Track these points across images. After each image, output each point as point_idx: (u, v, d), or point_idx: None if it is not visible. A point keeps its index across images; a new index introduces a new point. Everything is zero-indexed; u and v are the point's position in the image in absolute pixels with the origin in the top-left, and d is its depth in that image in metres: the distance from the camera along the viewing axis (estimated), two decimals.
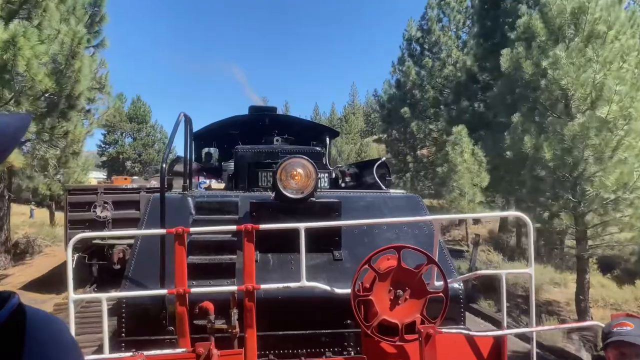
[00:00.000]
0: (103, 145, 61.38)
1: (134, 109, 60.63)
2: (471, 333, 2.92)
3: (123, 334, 3.22)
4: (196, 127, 5.86)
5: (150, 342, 3.14)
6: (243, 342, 2.97)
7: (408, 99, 26.23)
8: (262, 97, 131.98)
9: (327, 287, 2.98)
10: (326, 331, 3.43)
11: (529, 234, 2.83)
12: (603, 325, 2.64)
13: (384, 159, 5.81)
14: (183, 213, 3.83)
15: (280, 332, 3.29)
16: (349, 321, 3.41)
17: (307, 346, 3.40)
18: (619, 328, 2.07)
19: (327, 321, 3.42)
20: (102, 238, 9.36)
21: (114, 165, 53.67)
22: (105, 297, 2.77)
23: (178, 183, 4.99)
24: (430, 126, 25.18)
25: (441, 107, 23.89)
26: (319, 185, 4.63)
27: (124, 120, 59.00)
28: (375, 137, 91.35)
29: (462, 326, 3.47)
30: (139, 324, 3.26)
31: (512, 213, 3.28)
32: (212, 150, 8.07)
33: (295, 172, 3.71)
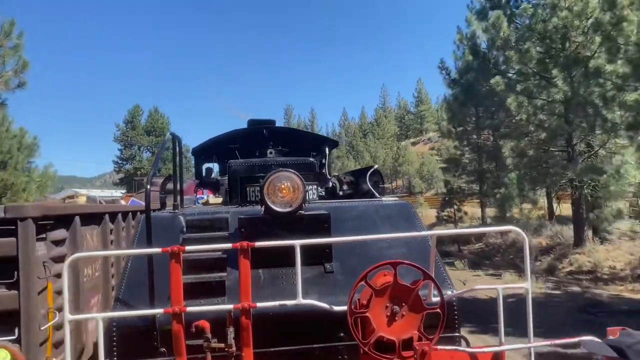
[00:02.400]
0: (120, 162, 58.99)
1: (151, 122, 58.61)
2: (467, 350, 2.90)
3: (115, 358, 3.21)
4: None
5: None
6: None
7: (495, 67, 17.46)
8: (286, 106, 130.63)
9: (325, 305, 2.97)
10: (319, 345, 3.41)
11: (525, 248, 2.82)
12: (599, 340, 2.63)
13: (376, 166, 5.86)
14: (174, 231, 3.84)
15: (273, 349, 3.27)
16: (342, 334, 3.40)
17: None
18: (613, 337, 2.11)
19: (320, 335, 3.41)
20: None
21: (131, 182, 51.80)
22: (101, 317, 2.76)
23: (171, 201, 5.02)
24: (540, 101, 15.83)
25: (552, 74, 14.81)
26: (309, 197, 4.64)
27: (140, 134, 56.94)
28: (412, 140, 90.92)
29: (457, 334, 3.46)
30: (130, 346, 3.24)
31: (508, 228, 3.28)
32: (211, 165, 8.10)
33: (282, 186, 3.71)
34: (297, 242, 2.97)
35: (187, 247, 2.96)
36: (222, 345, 2.95)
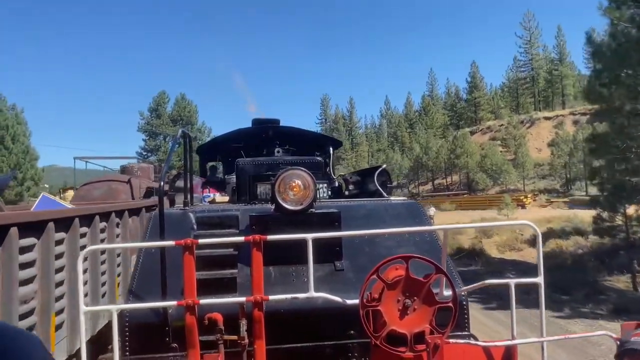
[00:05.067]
0: (144, 153, 55.11)
1: (177, 110, 54.82)
2: (480, 343, 2.91)
3: (127, 352, 3.23)
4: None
5: None
6: (251, 354, 2.98)
7: None
8: (323, 96, 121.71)
9: (338, 299, 2.98)
10: (330, 342, 3.42)
11: (537, 243, 2.83)
12: (614, 335, 2.63)
13: (384, 166, 5.85)
14: (185, 228, 3.86)
15: (283, 345, 3.28)
16: (352, 332, 3.41)
17: (311, 358, 3.39)
18: (637, 338, 2.07)
19: (330, 332, 3.43)
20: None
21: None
22: (116, 309, 2.78)
23: (180, 198, 5.05)
24: None
25: None
26: (319, 196, 4.66)
27: (166, 123, 53.50)
28: (469, 128, 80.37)
29: (466, 332, 3.47)
30: (142, 340, 3.26)
31: (522, 222, 3.28)
32: (216, 163, 8.13)
33: (293, 184, 3.73)
34: (309, 236, 2.99)
35: (201, 240, 2.98)
36: (235, 337, 2.96)
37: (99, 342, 5.24)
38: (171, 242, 2.97)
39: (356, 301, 2.93)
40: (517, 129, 67.62)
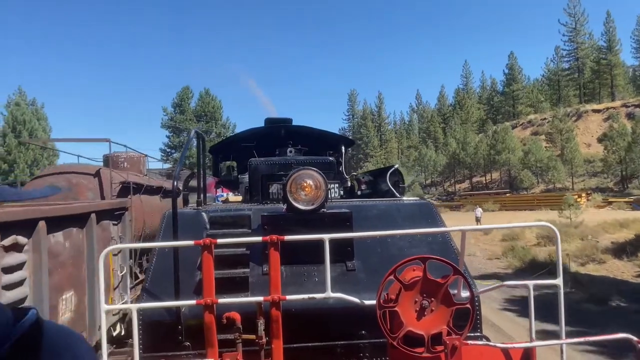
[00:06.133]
0: (168, 150, 54.36)
1: (201, 105, 53.48)
2: (499, 345, 2.90)
3: (140, 349, 3.26)
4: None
5: (167, 358, 3.18)
6: (268, 353, 3.00)
7: None
8: (350, 91, 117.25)
9: (355, 299, 2.99)
10: (342, 342, 3.43)
11: (556, 244, 2.81)
12: (635, 338, 2.61)
13: (396, 166, 5.83)
14: (198, 228, 3.89)
15: (296, 345, 3.30)
16: (363, 332, 3.42)
17: (324, 357, 3.40)
18: None
19: (342, 332, 3.44)
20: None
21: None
22: (135, 308, 2.81)
23: (194, 198, 5.08)
24: None
25: None
26: (330, 196, 4.67)
27: (189, 119, 52.23)
28: (508, 122, 74.19)
29: (479, 333, 3.46)
30: (155, 339, 3.30)
31: (540, 224, 3.26)
32: (230, 163, 8.18)
33: (304, 184, 3.75)
34: (326, 236, 3.00)
35: (219, 240, 3.01)
36: (253, 336, 2.98)
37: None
38: (190, 242, 2.99)
39: (373, 302, 2.94)
40: (564, 122, 62.29)
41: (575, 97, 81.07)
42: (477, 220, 31.21)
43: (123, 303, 6.73)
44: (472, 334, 3.33)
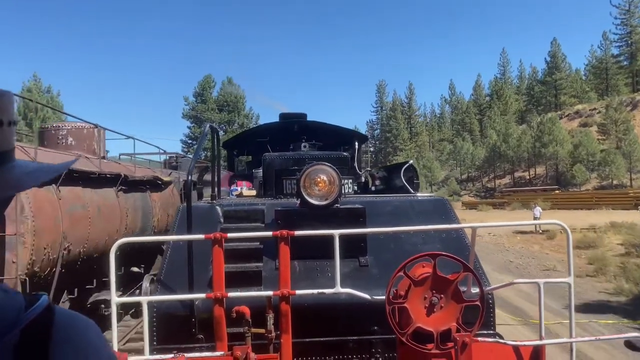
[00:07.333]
0: (189, 142, 52.90)
1: (223, 95, 51.81)
2: (509, 342, 2.88)
3: (155, 341, 3.30)
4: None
5: (181, 350, 3.22)
6: (277, 347, 3.02)
7: None
8: (379, 81, 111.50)
9: (365, 295, 3.00)
10: (354, 337, 3.44)
11: (568, 243, 2.78)
12: None
13: (411, 161, 5.80)
14: (212, 221, 3.92)
15: (308, 340, 3.31)
16: (375, 328, 3.42)
17: (335, 353, 3.42)
18: None
19: (353, 327, 3.44)
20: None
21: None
22: (146, 301, 2.85)
23: (208, 192, 5.12)
24: None
25: None
26: (344, 191, 4.67)
27: (211, 109, 50.62)
28: (560, 111, 69.31)
29: (491, 331, 3.44)
30: (169, 331, 3.34)
31: (552, 221, 3.23)
32: (244, 157, 8.23)
33: (318, 179, 3.75)
34: (336, 232, 3.00)
35: (230, 234, 3.03)
36: (262, 330, 3.00)
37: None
38: (200, 236, 3.02)
39: (382, 297, 2.94)
40: (620, 112, 55.98)
41: (626, 86, 73.85)
42: (536, 219, 27.23)
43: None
44: (485, 332, 3.31)
